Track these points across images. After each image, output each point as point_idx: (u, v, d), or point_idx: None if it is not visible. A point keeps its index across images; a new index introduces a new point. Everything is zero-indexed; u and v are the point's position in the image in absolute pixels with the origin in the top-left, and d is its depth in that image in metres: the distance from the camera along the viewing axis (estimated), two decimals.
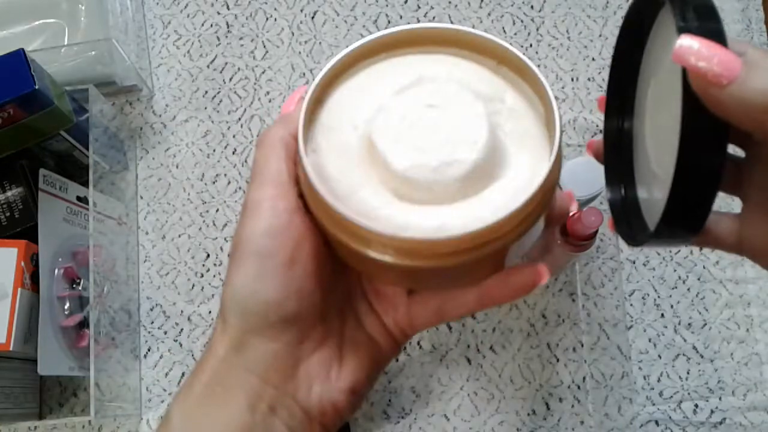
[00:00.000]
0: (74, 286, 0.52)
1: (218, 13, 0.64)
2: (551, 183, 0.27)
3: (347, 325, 0.31)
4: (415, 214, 0.26)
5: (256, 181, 0.28)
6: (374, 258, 0.26)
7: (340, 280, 0.31)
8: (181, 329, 0.57)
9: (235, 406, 0.27)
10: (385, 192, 0.27)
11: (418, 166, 0.26)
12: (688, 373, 0.54)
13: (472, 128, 0.27)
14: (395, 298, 0.32)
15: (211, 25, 0.64)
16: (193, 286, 0.58)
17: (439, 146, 0.27)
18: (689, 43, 0.22)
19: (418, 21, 0.63)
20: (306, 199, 0.28)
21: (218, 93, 0.62)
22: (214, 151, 0.61)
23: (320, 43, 0.63)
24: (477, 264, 0.26)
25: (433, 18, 0.63)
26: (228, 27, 0.64)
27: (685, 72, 0.22)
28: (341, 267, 0.30)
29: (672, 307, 0.56)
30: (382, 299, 0.32)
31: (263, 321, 0.27)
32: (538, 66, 0.61)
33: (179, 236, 0.59)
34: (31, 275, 0.49)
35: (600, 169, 0.36)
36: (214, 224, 0.59)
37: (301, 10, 0.64)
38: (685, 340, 0.55)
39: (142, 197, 0.60)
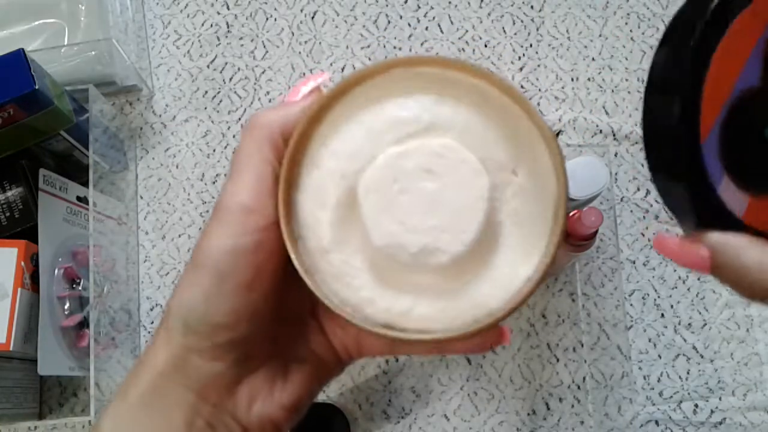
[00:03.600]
0: (74, 286, 0.52)
1: (218, 13, 0.64)
2: (531, 293, 0.24)
3: (294, 342, 0.29)
4: (383, 292, 0.25)
5: (232, 181, 0.26)
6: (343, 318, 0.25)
7: (293, 297, 0.29)
8: None
9: (172, 423, 0.26)
10: (357, 256, 0.25)
11: (397, 246, 0.24)
12: (688, 373, 0.54)
13: (468, 212, 0.24)
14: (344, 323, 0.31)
15: (211, 25, 0.64)
16: None
17: (425, 228, 0.24)
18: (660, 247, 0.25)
19: (419, 21, 0.63)
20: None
21: (218, 93, 0.62)
22: (214, 151, 0.61)
23: (320, 43, 0.63)
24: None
25: (433, 18, 0.63)
26: (228, 27, 0.64)
27: None
28: (296, 284, 0.28)
29: (672, 307, 0.56)
30: (332, 321, 0.30)
31: (209, 342, 0.26)
32: (537, 67, 0.61)
33: (179, 236, 0.59)
34: (31, 275, 0.49)
35: (600, 168, 0.35)
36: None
37: (301, 10, 0.64)
38: (685, 340, 0.55)
39: (142, 197, 0.60)
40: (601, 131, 0.59)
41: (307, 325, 0.30)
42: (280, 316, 0.28)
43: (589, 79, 0.61)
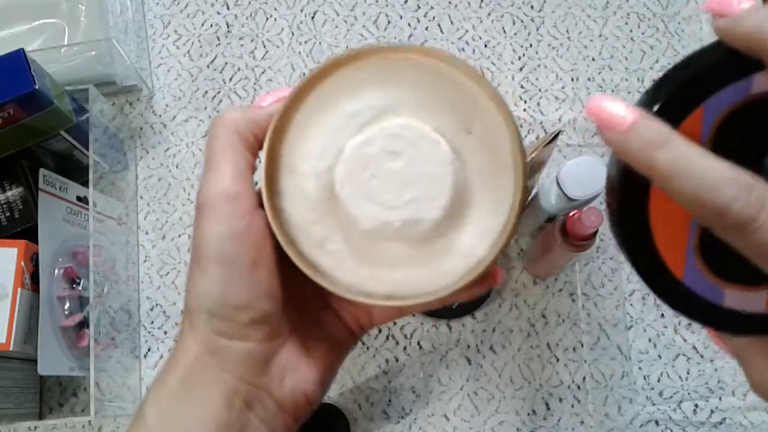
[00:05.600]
0: (74, 286, 0.52)
1: (218, 13, 0.64)
2: (512, 233, 0.27)
3: (306, 320, 0.31)
4: (379, 267, 0.27)
5: (210, 175, 0.27)
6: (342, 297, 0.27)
7: (295, 277, 0.30)
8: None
9: (211, 403, 0.27)
10: (348, 245, 0.27)
11: (383, 224, 0.27)
12: (688, 373, 0.54)
13: (436, 179, 0.27)
14: None
15: (211, 25, 0.64)
16: None
17: (402, 203, 0.27)
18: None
19: (419, 21, 0.63)
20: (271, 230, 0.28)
21: (218, 93, 0.62)
22: None
23: (320, 43, 0.63)
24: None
25: (433, 18, 0.63)
26: (228, 27, 0.64)
27: None
28: (297, 271, 0.29)
29: None
30: (341, 299, 0.31)
31: (234, 324, 0.27)
32: (537, 67, 0.61)
33: (179, 236, 0.59)
34: (31, 275, 0.49)
35: (600, 168, 0.35)
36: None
37: (301, 10, 0.64)
38: (685, 340, 0.55)
39: (142, 197, 0.60)
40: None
41: (317, 305, 0.32)
42: (290, 299, 0.29)
43: (589, 79, 0.61)
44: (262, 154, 0.28)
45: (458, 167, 0.27)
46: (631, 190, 0.22)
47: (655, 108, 0.21)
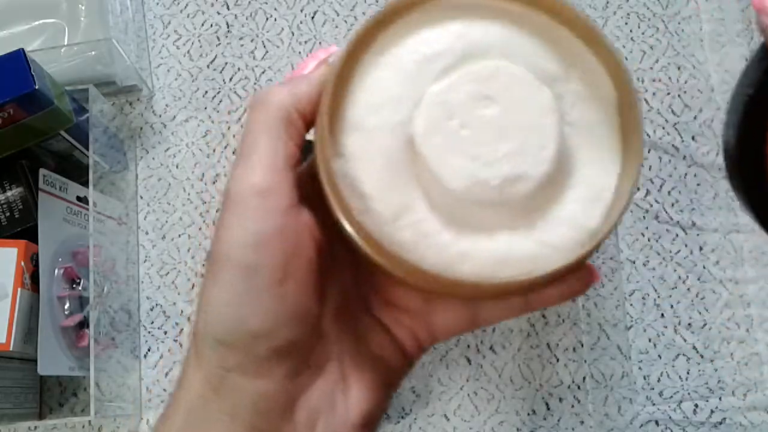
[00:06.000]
0: (74, 286, 0.52)
1: (218, 13, 0.64)
2: (628, 201, 0.22)
3: (347, 343, 0.25)
4: (473, 242, 0.22)
5: (242, 164, 0.22)
6: (424, 287, 0.22)
7: (337, 292, 0.25)
8: (181, 329, 0.57)
9: None
10: (433, 214, 0.22)
11: (478, 184, 0.21)
12: (688, 373, 0.54)
13: (539, 128, 0.22)
14: (409, 304, 0.26)
15: (211, 25, 0.64)
16: (193, 286, 0.58)
17: (500, 156, 0.22)
18: None
19: None
20: (328, 204, 0.22)
21: (218, 93, 0.62)
22: (214, 151, 0.61)
23: (320, 43, 0.63)
24: (543, 286, 0.22)
25: None
26: (228, 27, 0.64)
27: None
28: (337, 270, 0.25)
29: (672, 307, 0.56)
30: (392, 307, 0.26)
31: (249, 356, 0.21)
32: None
33: (179, 236, 0.59)
34: (31, 275, 0.49)
35: None
36: (215, 224, 0.59)
37: (301, 10, 0.64)
38: (685, 340, 0.55)
39: (142, 197, 0.60)
40: None
41: (360, 321, 0.26)
42: (328, 315, 0.24)
43: None
44: (321, 108, 0.22)
45: (560, 115, 0.22)
46: (754, 117, 0.23)
47: None
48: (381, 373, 0.25)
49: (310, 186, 0.24)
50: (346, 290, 0.25)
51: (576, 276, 0.23)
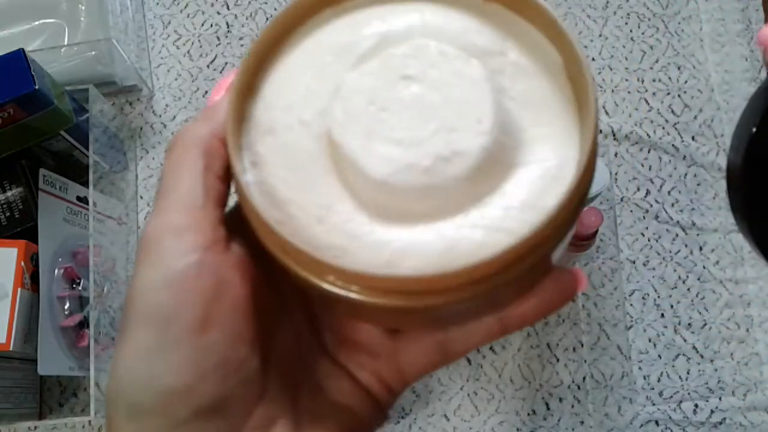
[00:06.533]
0: (74, 286, 0.52)
1: (218, 13, 0.64)
2: (593, 161, 0.19)
3: (302, 395, 0.21)
4: (411, 236, 0.19)
5: (158, 206, 0.20)
6: (363, 302, 0.18)
7: (283, 331, 0.22)
8: None
9: None
10: (361, 211, 0.20)
11: (404, 168, 0.19)
12: (688, 373, 0.54)
13: (471, 102, 0.19)
14: (371, 342, 0.23)
15: (211, 25, 0.64)
16: None
17: (429, 135, 0.19)
18: None
19: None
20: (248, 223, 0.20)
21: None
22: None
23: None
24: (506, 287, 0.19)
25: None
26: (228, 27, 0.64)
27: None
28: (286, 311, 0.21)
29: (672, 307, 0.56)
30: (352, 348, 0.23)
31: (169, 420, 0.18)
32: None
33: None
34: (31, 275, 0.49)
35: (600, 168, 0.35)
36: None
37: None
38: (685, 340, 0.55)
39: (142, 197, 0.60)
40: (601, 131, 0.59)
41: (316, 366, 0.22)
42: (271, 365, 0.21)
43: None
44: (224, 110, 0.21)
45: (495, 87, 0.20)
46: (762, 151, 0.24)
47: None
48: (345, 423, 0.22)
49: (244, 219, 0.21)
50: (297, 334, 0.22)
51: (554, 282, 0.21)
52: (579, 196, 0.19)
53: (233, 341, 0.19)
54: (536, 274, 0.20)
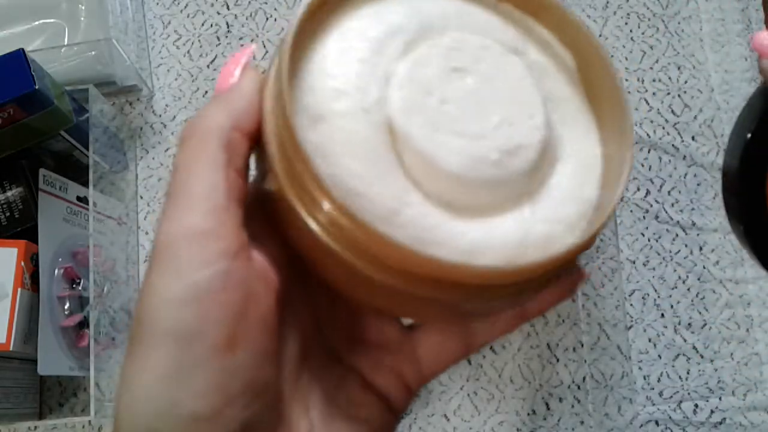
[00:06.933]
0: (74, 286, 0.52)
1: (218, 13, 0.64)
2: (632, 158, 0.20)
3: (315, 405, 0.20)
4: (484, 229, 0.19)
5: (172, 206, 0.18)
6: (437, 298, 0.18)
7: (292, 339, 0.20)
8: None
9: None
10: (433, 205, 0.19)
11: (477, 161, 0.19)
12: (688, 373, 0.54)
13: (521, 96, 0.20)
14: (388, 339, 0.21)
15: (211, 25, 0.64)
16: None
17: (491, 129, 0.19)
18: None
19: None
20: (288, 218, 0.18)
21: None
22: None
23: None
24: (548, 278, 0.20)
25: None
26: (228, 27, 0.63)
27: None
28: (294, 317, 0.20)
29: (672, 307, 0.56)
30: (367, 347, 0.21)
31: None
32: None
33: None
34: (31, 275, 0.49)
35: None
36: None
37: None
38: (685, 340, 0.55)
39: (142, 197, 0.60)
40: None
41: (329, 375, 0.21)
42: (285, 377, 0.19)
43: None
44: (267, 103, 0.19)
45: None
46: (755, 154, 0.24)
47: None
48: (365, 430, 0.20)
49: (260, 216, 0.19)
50: (306, 340, 0.21)
51: (569, 272, 0.21)
52: (624, 186, 0.20)
53: (260, 360, 0.17)
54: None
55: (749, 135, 0.24)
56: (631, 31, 0.62)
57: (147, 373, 0.16)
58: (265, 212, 0.20)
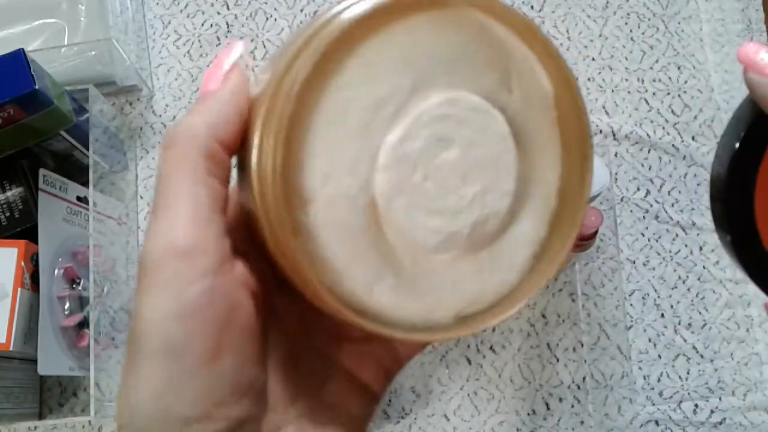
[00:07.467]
0: (74, 286, 0.52)
1: (218, 13, 0.64)
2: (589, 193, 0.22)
3: (302, 401, 0.22)
4: (440, 297, 0.22)
5: (157, 220, 0.18)
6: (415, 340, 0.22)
7: (279, 341, 0.22)
8: None
9: None
10: (402, 277, 0.21)
11: (450, 237, 0.21)
12: (688, 373, 0.54)
13: (497, 163, 0.21)
14: (368, 334, 0.22)
15: (211, 25, 0.64)
16: None
17: (467, 203, 0.21)
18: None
19: None
20: (287, 279, 0.20)
21: None
22: None
23: None
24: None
25: None
26: (228, 27, 0.64)
27: None
28: (280, 321, 0.21)
29: (672, 307, 0.56)
30: (351, 342, 0.23)
31: None
32: None
33: None
34: (31, 275, 0.49)
35: (600, 168, 0.35)
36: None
37: (301, 10, 0.64)
38: (685, 340, 0.55)
39: (142, 197, 0.60)
40: (601, 131, 0.59)
41: (315, 372, 0.23)
42: (272, 377, 0.21)
43: (589, 79, 0.61)
44: (264, 182, 0.19)
45: (513, 137, 0.21)
46: (743, 162, 0.25)
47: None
48: (349, 418, 0.22)
49: (242, 224, 0.20)
50: (293, 340, 0.22)
51: None
52: (578, 223, 0.22)
53: (244, 364, 0.19)
54: None
55: (737, 144, 0.24)
56: (631, 31, 0.62)
57: (142, 385, 0.18)
58: (247, 219, 0.21)
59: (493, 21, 0.21)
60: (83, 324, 0.52)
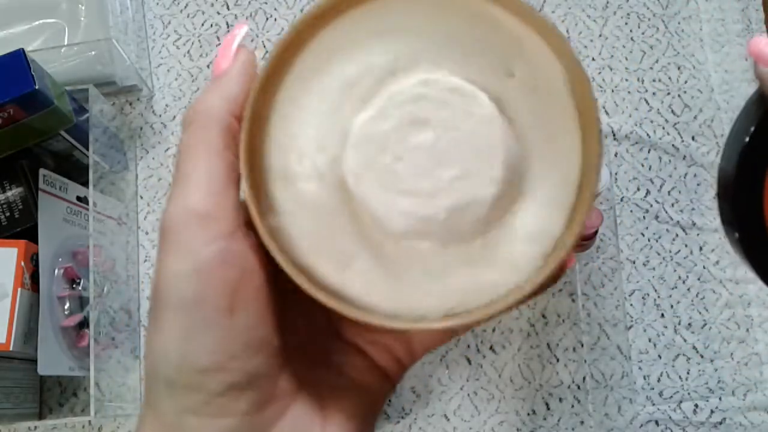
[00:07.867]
0: (74, 286, 0.52)
1: (218, 13, 0.64)
2: (591, 196, 0.20)
3: (318, 369, 0.23)
4: (423, 287, 0.20)
5: (176, 190, 0.20)
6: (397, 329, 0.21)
7: (300, 316, 0.23)
8: None
9: None
10: (379, 261, 0.20)
11: (423, 221, 0.20)
12: (688, 373, 0.54)
13: (483, 144, 0.20)
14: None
15: (211, 25, 0.64)
16: None
17: (444, 185, 0.20)
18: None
19: None
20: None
21: None
22: None
23: None
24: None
25: None
26: (228, 27, 0.63)
27: None
28: (300, 299, 0.22)
29: (672, 307, 0.56)
30: (362, 329, 0.24)
31: (203, 395, 0.19)
32: None
33: None
34: (31, 275, 0.49)
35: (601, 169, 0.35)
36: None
37: (301, 10, 0.64)
38: (685, 340, 0.55)
39: (142, 197, 0.60)
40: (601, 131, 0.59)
41: (335, 349, 0.24)
42: (292, 342, 0.22)
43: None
44: (240, 156, 0.20)
45: (504, 121, 0.20)
46: (752, 159, 0.24)
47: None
48: (363, 400, 0.23)
49: None
50: (312, 318, 0.24)
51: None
52: (583, 221, 0.20)
53: (257, 324, 0.20)
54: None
55: (747, 140, 0.24)
56: (631, 31, 0.62)
57: (163, 336, 0.20)
58: None
59: (496, 7, 0.21)
60: (83, 324, 0.52)
